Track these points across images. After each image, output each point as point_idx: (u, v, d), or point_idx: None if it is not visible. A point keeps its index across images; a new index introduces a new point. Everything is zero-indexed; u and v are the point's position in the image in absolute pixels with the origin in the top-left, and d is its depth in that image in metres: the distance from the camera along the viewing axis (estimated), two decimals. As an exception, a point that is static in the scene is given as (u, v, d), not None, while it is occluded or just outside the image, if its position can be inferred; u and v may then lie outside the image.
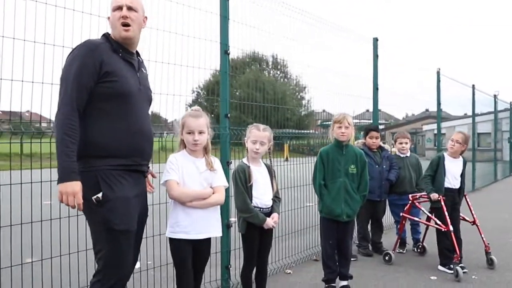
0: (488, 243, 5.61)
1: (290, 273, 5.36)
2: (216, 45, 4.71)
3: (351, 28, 7.31)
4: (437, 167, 5.58)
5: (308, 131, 9.91)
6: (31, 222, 3.35)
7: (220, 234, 3.61)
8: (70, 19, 3.37)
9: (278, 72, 11.02)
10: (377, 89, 7.62)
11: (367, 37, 7.63)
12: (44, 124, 4.35)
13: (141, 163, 2.91)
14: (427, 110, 36.49)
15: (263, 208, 3.97)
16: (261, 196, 3.98)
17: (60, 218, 3.49)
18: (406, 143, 6.55)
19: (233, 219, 4.52)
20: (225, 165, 4.61)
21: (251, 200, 3.92)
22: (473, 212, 5.75)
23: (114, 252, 2.69)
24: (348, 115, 4.58)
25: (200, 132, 3.35)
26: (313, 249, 6.15)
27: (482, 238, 5.62)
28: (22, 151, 3.85)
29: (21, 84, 3.13)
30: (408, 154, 6.56)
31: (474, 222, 5.70)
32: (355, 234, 6.33)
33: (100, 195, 2.62)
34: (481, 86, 15.98)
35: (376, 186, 6.18)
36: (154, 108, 4.14)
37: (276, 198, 4.10)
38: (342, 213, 4.50)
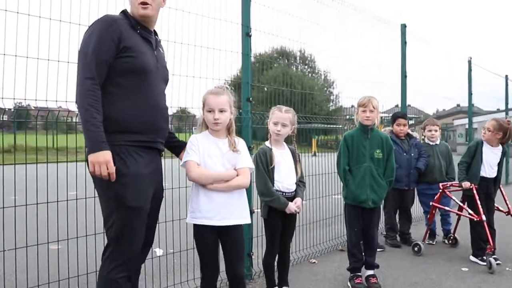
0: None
1: (315, 262, 5.22)
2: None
3: (377, 14, 7.04)
4: (475, 153, 5.33)
5: (335, 125, 9.76)
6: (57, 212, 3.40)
7: (248, 221, 3.30)
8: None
9: (306, 67, 10.88)
10: (406, 76, 7.39)
11: (394, 22, 7.41)
12: (74, 119, 4.36)
13: (156, 139, 2.84)
14: (458, 105, 35.71)
15: (285, 192, 3.82)
16: (284, 179, 3.83)
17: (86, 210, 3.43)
18: (436, 130, 6.30)
19: (255, 206, 4.41)
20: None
21: (272, 183, 3.78)
22: (507, 202, 5.48)
23: (125, 229, 2.63)
24: (374, 98, 4.39)
25: (221, 111, 3.09)
26: (339, 239, 5.99)
27: (518, 229, 5.37)
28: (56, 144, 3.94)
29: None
30: (438, 142, 6.31)
31: (509, 213, 5.43)
32: (382, 224, 6.16)
33: (113, 169, 2.55)
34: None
35: (404, 174, 5.96)
36: (181, 103, 4.14)
37: (300, 183, 3.94)
38: (367, 199, 4.32)
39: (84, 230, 3.56)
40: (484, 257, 5.07)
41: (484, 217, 5.03)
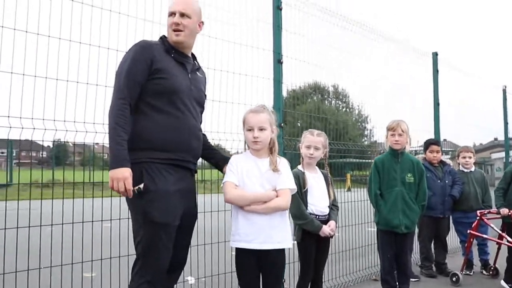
0: None
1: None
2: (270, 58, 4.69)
3: (410, 43, 7.08)
4: (511, 179, 5.21)
5: (370, 160, 9.68)
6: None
7: (289, 246, 3.14)
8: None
9: (340, 102, 10.91)
10: (438, 104, 7.37)
11: (425, 51, 7.42)
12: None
13: (187, 159, 2.90)
14: (495, 139, 34.95)
15: (319, 216, 3.78)
16: (317, 202, 3.80)
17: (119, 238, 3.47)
18: (470, 157, 6.20)
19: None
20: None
21: (306, 207, 3.76)
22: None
23: (152, 244, 2.70)
24: (403, 122, 4.39)
25: (261, 129, 3.04)
26: (372, 269, 5.85)
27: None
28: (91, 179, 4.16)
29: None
30: (473, 169, 6.20)
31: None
32: (417, 254, 6.02)
33: (141, 186, 2.65)
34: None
35: (438, 202, 5.85)
36: (215, 140, 4.16)
37: (333, 206, 3.91)
38: (400, 224, 4.26)
39: (117, 259, 3.62)
40: None
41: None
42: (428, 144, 6.12)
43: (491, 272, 5.81)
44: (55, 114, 3.18)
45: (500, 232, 5.27)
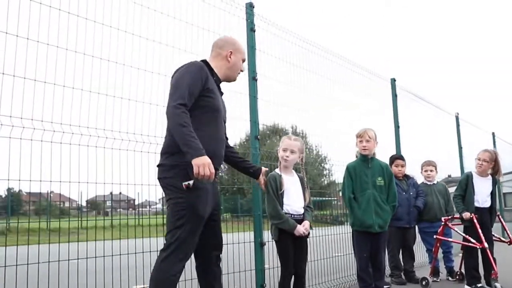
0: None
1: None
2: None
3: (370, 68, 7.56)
4: (466, 186, 5.62)
5: (330, 198, 9.88)
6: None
7: None
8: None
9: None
10: (398, 127, 7.83)
11: (385, 77, 7.95)
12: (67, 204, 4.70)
13: (216, 166, 3.27)
14: (449, 176, 36.08)
15: (294, 215, 4.03)
16: (293, 203, 4.06)
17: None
18: (432, 170, 6.64)
19: (267, 237, 4.60)
20: (256, 185, 4.80)
21: (282, 207, 4.01)
22: (508, 232, 5.70)
23: (192, 232, 3.13)
24: (370, 129, 4.76)
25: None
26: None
27: (520, 258, 5.53)
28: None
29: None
30: (435, 182, 6.62)
31: (510, 242, 5.63)
32: (387, 262, 6.29)
33: (191, 182, 3.04)
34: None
35: (404, 213, 6.20)
36: None
37: (308, 208, 4.17)
38: (373, 223, 4.56)
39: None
40: (478, 285, 5.29)
41: (486, 244, 5.22)
42: (393, 159, 6.51)
43: (457, 277, 6.14)
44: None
45: (463, 234, 5.60)
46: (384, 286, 5.58)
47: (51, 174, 3.40)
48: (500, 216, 5.78)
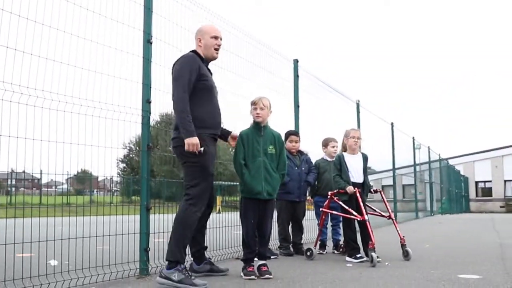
0: (404, 236, 5.87)
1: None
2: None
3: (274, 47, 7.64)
4: (340, 165, 5.92)
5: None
6: None
7: None
8: None
9: None
10: (298, 106, 8.01)
11: (288, 58, 8.09)
12: None
13: (217, 132, 4.55)
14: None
15: None
16: None
17: None
18: (337, 146, 6.83)
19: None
20: (145, 146, 4.71)
21: None
22: (388, 207, 6.04)
23: (206, 186, 4.28)
24: (264, 98, 4.81)
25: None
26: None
27: (398, 231, 5.86)
28: None
29: None
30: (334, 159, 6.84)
31: (390, 217, 5.98)
32: (276, 234, 6.45)
33: (202, 149, 4.18)
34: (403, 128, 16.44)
35: (295, 187, 6.39)
36: (82, 165, 4.98)
37: None
38: (262, 190, 4.62)
39: None
40: (357, 255, 5.62)
41: (366, 217, 5.52)
42: (288, 134, 6.65)
43: (341, 250, 6.43)
44: None
45: (346, 207, 5.85)
46: (272, 257, 5.78)
47: None
48: (382, 192, 6.10)
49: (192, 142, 4.08)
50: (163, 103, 5.03)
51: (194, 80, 4.24)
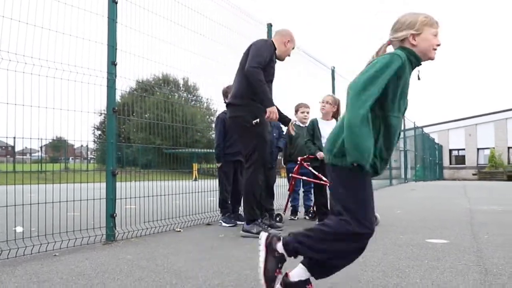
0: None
1: (180, 231, 5.32)
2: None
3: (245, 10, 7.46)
4: (313, 131, 5.89)
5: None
6: None
7: None
8: None
9: (189, 95, 11.00)
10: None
11: (262, 21, 7.90)
12: None
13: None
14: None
15: None
16: None
17: None
18: (308, 112, 6.77)
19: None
20: (111, 110, 4.59)
21: None
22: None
23: (263, 151, 4.87)
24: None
25: None
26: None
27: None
28: None
29: None
30: (308, 124, 6.79)
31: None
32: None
33: (257, 120, 4.72)
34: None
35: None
36: (58, 132, 4.72)
37: None
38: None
39: None
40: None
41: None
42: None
43: (311, 216, 6.46)
44: None
45: (316, 173, 5.87)
46: (241, 223, 5.75)
47: None
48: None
49: (274, 110, 4.63)
50: (130, 66, 4.91)
51: (267, 61, 4.80)
